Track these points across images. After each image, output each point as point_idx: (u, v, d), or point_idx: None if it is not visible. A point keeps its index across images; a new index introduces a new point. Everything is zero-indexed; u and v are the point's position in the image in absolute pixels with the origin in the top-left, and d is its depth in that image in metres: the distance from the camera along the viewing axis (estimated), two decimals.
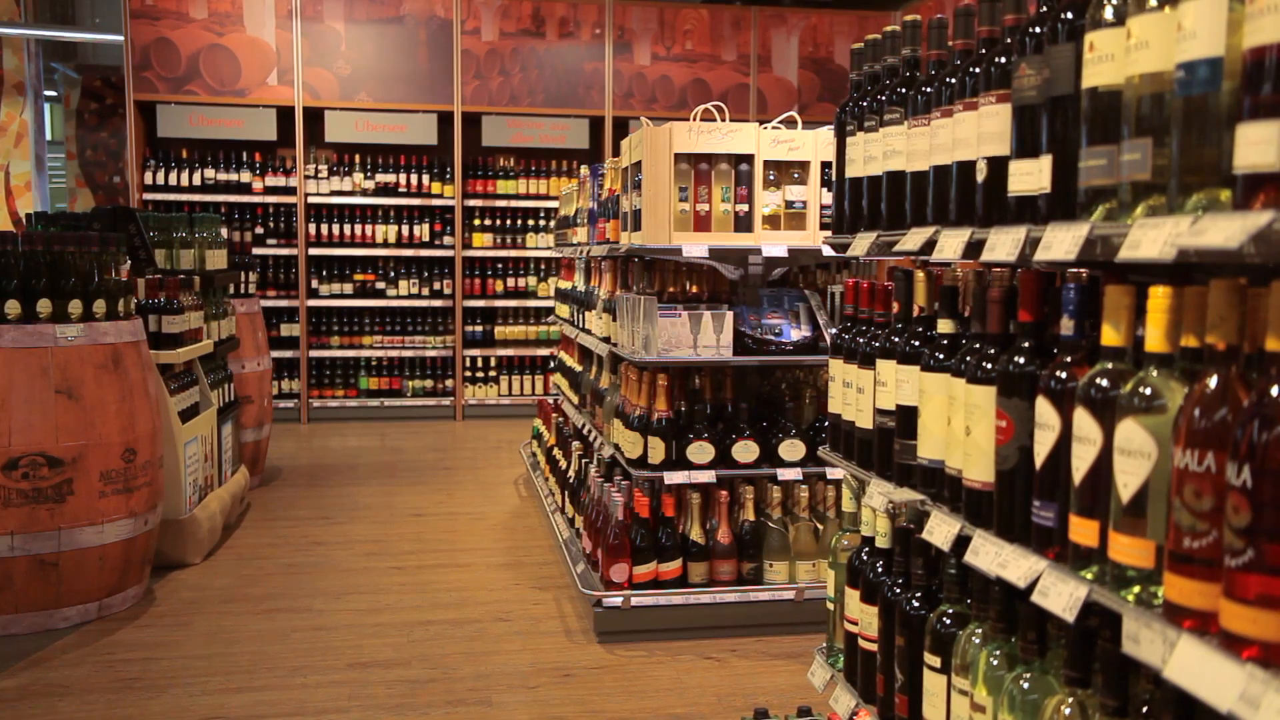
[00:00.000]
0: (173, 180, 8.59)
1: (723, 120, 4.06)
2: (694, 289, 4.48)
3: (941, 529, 1.58)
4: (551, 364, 9.21)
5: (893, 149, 1.84)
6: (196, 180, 8.64)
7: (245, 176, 8.73)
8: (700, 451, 3.98)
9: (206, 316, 5.36)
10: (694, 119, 4.05)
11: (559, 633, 3.99)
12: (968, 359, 1.59)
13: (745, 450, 4.03)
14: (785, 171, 4.07)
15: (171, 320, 4.82)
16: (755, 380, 4.46)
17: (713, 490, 4.06)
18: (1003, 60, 1.50)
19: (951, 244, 1.55)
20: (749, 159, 4.00)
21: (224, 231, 8.61)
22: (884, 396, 1.88)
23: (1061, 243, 1.26)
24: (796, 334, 4.15)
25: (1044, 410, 1.37)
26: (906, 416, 1.79)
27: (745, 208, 4.01)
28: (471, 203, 8.99)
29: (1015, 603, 1.48)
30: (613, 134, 9.05)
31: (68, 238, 4.03)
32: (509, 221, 9.13)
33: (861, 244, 1.91)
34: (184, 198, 8.58)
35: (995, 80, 1.50)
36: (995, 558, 1.43)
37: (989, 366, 1.53)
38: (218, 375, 5.55)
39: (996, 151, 1.50)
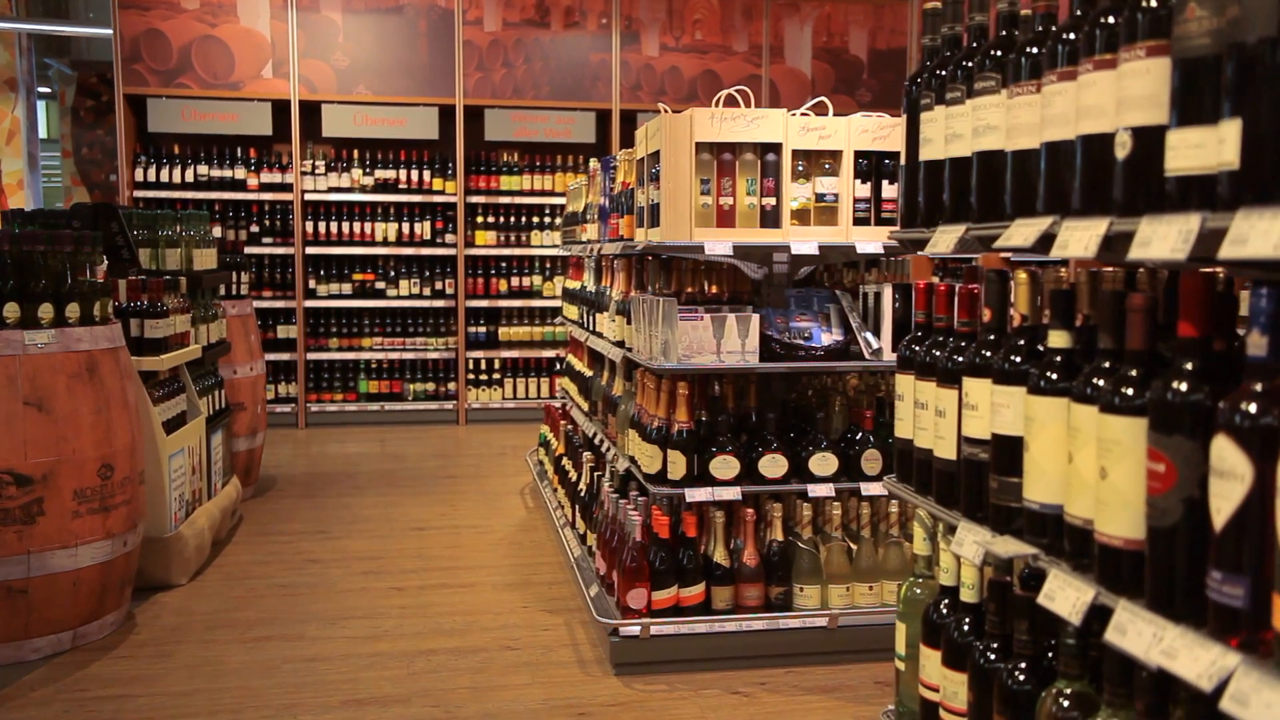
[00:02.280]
0: (164, 177, 8.28)
1: (747, 106, 3.74)
2: (713, 289, 4.16)
3: (1067, 594, 1.26)
4: (558, 366, 8.91)
5: (986, 124, 1.52)
6: (189, 177, 8.32)
7: (239, 173, 8.41)
8: (724, 466, 3.66)
9: (194, 320, 5.04)
10: (716, 104, 3.73)
11: (572, 663, 3.68)
12: (1098, 382, 1.27)
13: (773, 464, 3.71)
14: (815, 162, 3.75)
15: (154, 324, 4.50)
16: (780, 388, 4.14)
17: (737, 508, 3.74)
18: (1154, 2, 1.18)
19: (1080, 238, 1.23)
20: (776, 148, 3.68)
21: (217, 230, 8.32)
22: (974, 422, 1.56)
23: (1267, 234, 0.94)
24: (827, 338, 3.83)
25: (1227, 454, 1.05)
26: (1008, 449, 1.47)
27: (772, 201, 3.69)
28: (474, 199, 8.67)
29: (1170, 692, 1.17)
30: (620, 128, 8.73)
31: (38, 236, 3.72)
32: (513, 218, 8.82)
33: (945, 239, 1.59)
34: (176, 195, 8.27)
35: (1145, 29, 1.18)
36: (1155, 642, 1.11)
37: (1131, 393, 1.21)
38: (207, 382, 5.24)
39: (1147, 120, 1.18)
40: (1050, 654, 1.47)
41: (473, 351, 8.76)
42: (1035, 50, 1.42)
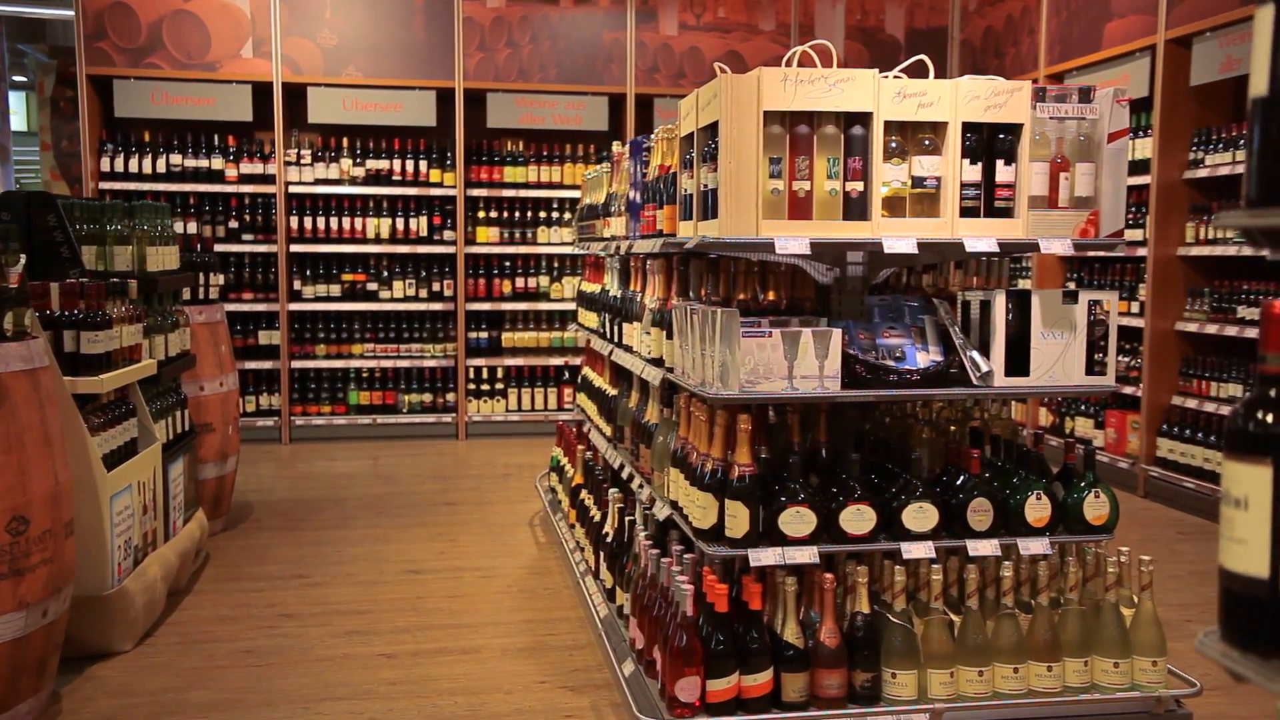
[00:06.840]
0: (133, 167, 7.50)
1: (826, 66, 2.97)
2: (769, 295, 3.38)
3: None
4: (567, 375, 8.14)
5: None
6: (160, 167, 7.54)
7: (217, 163, 7.63)
8: (797, 520, 2.90)
9: (147, 330, 4.26)
10: (788, 64, 2.96)
11: None
12: None
13: (857, 517, 2.94)
14: (912, 138, 2.98)
15: (93, 337, 3.72)
16: (855, 417, 3.38)
17: (812, 572, 2.97)
18: None
19: None
20: (864, 119, 2.91)
21: (191, 225, 7.53)
22: None
23: None
24: (924, 358, 3.06)
25: None
26: None
27: (859, 186, 2.92)
28: (475, 192, 7.89)
29: None
30: (635, 114, 7.96)
31: None
32: (518, 213, 8.04)
33: None
34: (146, 187, 7.47)
35: None
36: None
37: None
38: (165, 401, 4.46)
39: None
40: None
41: (473, 359, 7.98)
42: None
